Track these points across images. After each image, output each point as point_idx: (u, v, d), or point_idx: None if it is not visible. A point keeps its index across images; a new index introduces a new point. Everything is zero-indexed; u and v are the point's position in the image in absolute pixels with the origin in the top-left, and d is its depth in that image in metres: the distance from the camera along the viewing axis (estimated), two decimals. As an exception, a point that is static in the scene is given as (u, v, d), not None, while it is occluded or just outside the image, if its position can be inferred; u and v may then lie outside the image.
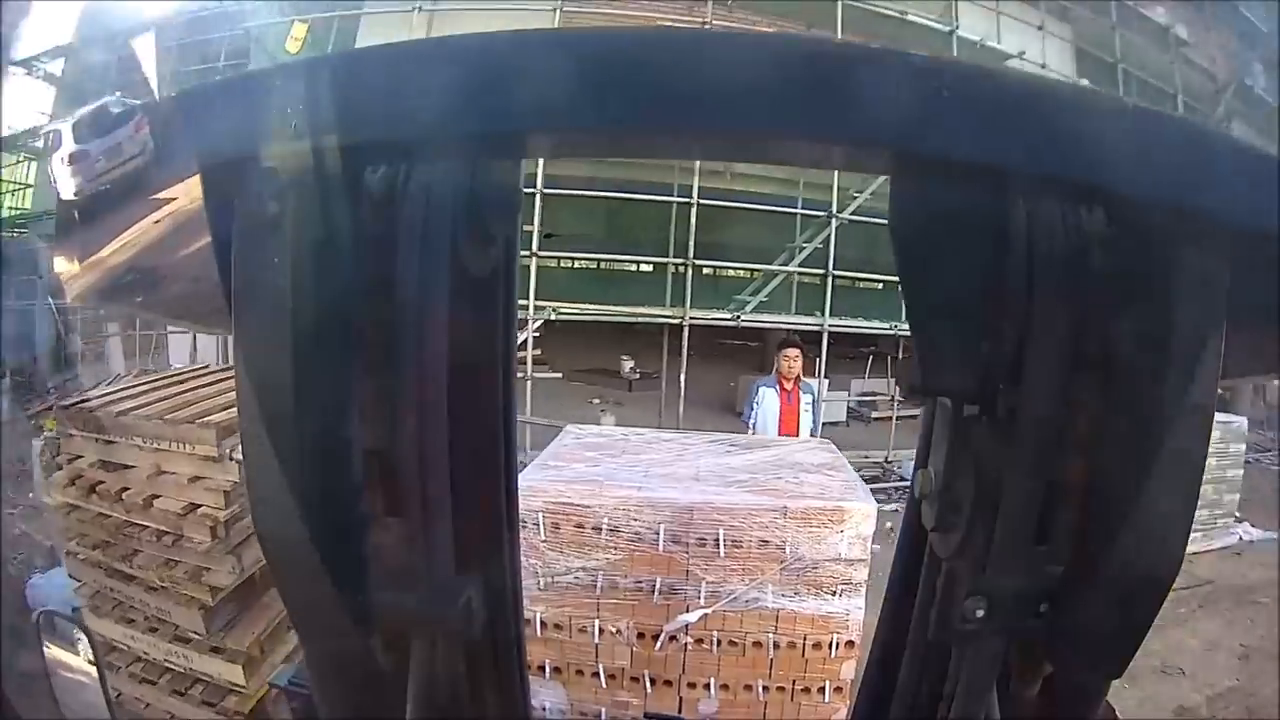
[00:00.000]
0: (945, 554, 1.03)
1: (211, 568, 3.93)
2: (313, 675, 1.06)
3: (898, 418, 12.84)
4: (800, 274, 12.81)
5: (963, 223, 0.92)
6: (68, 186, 0.83)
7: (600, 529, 3.83)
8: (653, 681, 3.89)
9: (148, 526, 4.00)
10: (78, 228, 0.87)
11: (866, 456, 11.66)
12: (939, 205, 0.93)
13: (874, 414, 14.75)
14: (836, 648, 3.79)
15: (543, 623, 3.86)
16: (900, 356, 13.57)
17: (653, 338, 12.43)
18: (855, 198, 12.30)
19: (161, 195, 0.84)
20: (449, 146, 0.88)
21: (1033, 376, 0.87)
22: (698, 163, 10.35)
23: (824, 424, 12.79)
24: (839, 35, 10.91)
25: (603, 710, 3.90)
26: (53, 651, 1.40)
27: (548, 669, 3.88)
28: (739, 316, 12.39)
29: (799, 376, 6.41)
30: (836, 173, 11.75)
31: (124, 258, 0.91)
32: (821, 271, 12.33)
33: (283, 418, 0.86)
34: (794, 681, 3.84)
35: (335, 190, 0.83)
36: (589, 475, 4.15)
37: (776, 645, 3.81)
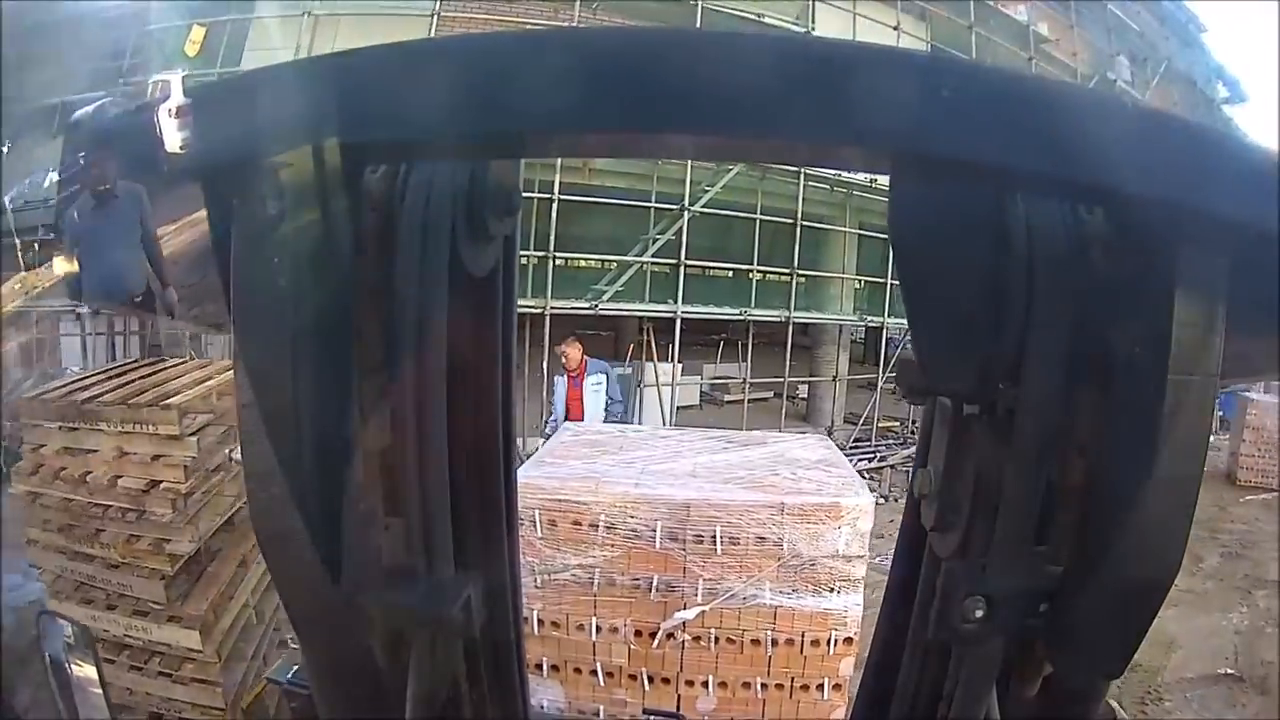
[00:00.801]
0: (945, 554, 1.03)
1: (172, 538, 4.30)
2: (312, 675, 1.05)
3: (749, 401, 13.89)
4: (654, 264, 13.40)
5: (962, 223, 0.92)
6: (174, 139, 0.79)
7: (597, 526, 3.83)
8: (650, 679, 3.89)
9: (111, 505, 4.34)
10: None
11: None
12: (938, 205, 0.93)
13: (726, 397, 15.42)
14: (835, 644, 3.79)
15: (540, 620, 3.86)
16: (750, 340, 14.37)
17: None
18: (706, 191, 13.00)
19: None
20: (448, 147, 0.87)
21: (1032, 376, 0.87)
22: (559, 160, 10.59)
23: (679, 407, 13.37)
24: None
25: (601, 708, 3.90)
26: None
27: (545, 667, 3.88)
28: (596, 305, 12.84)
29: (582, 364, 7.59)
30: (689, 167, 12.40)
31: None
32: (674, 261, 13.07)
33: (283, 418, 0.86)
34: (792, 679, 3.84)
35: (335, 191, 0.83)
36: (585, 472, 4.14)
37: (774, 642, 3.81)
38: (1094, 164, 0.75)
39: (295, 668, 1.37)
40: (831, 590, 3.78)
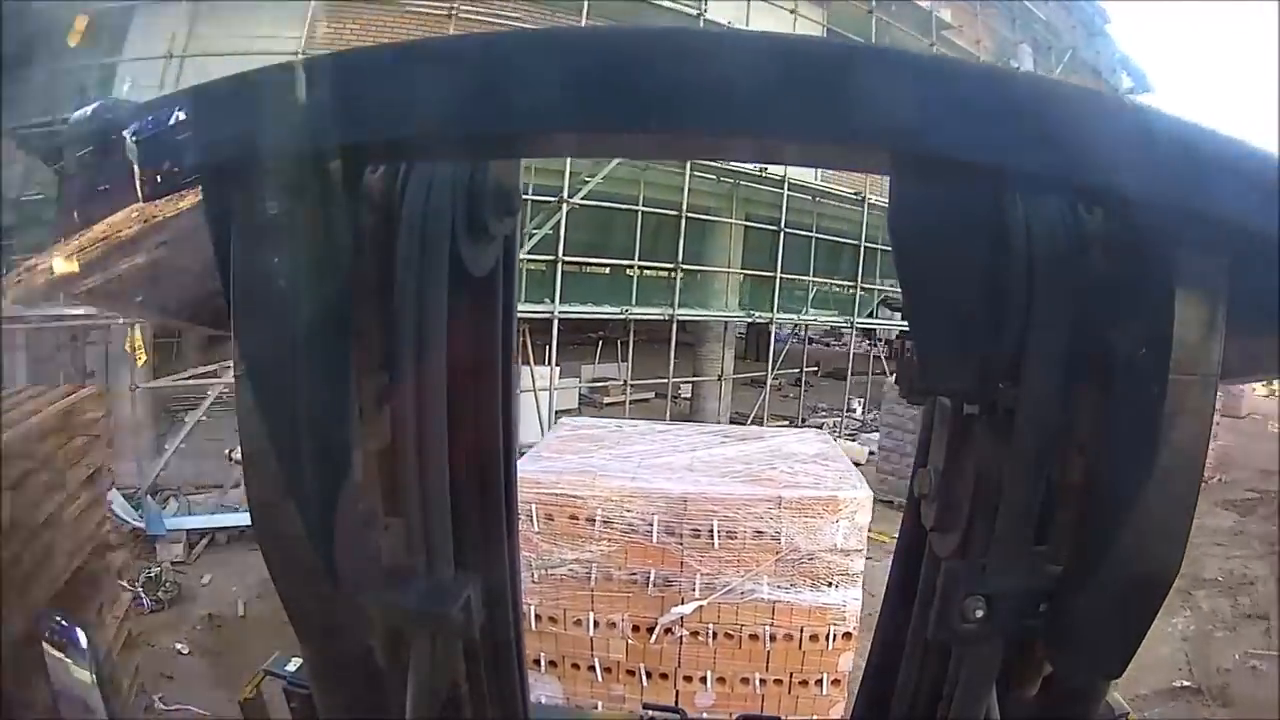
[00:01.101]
0: (945, 553, 1.03)
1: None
2: (312, 675, 1.05)
3: (630, 402, 13.32)
4: (529, 261, 12.21)
5: (962, 223, 0.92)
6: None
7: (594, 520, 3.83)
8: (649, 674, 3.89)
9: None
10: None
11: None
12: (938, 205, 0.92)
13: (606, 399, 14.71)
14: (833, 639, 3.80)
15: (537, 616, 3.86)
16: (631, 339, 13.67)
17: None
18: (587, 182, 12.11)
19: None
20: (448, 146, 0.87)
21: (1032, 376, 0.87)
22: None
23: (556, 411, 12.48)
24: (594, 19, 10.96)
25: (599, 704, 3.91)
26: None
27: (543, 662, 3.88)
28: (469, 306, 12.10)
29: None
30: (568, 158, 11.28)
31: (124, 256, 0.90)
32: (551, 258, 12.16)
33: (282, 418, 0.85)
34: (791, 674, 3.85)
35: (335, 191, 0.82)
36: (581, 466, 4.15)
37: (773, 637, 3.81)
38: (1093, 164, 0.75)
39: (294, 664, 1.36)
40: (830, 585, 3.79)
